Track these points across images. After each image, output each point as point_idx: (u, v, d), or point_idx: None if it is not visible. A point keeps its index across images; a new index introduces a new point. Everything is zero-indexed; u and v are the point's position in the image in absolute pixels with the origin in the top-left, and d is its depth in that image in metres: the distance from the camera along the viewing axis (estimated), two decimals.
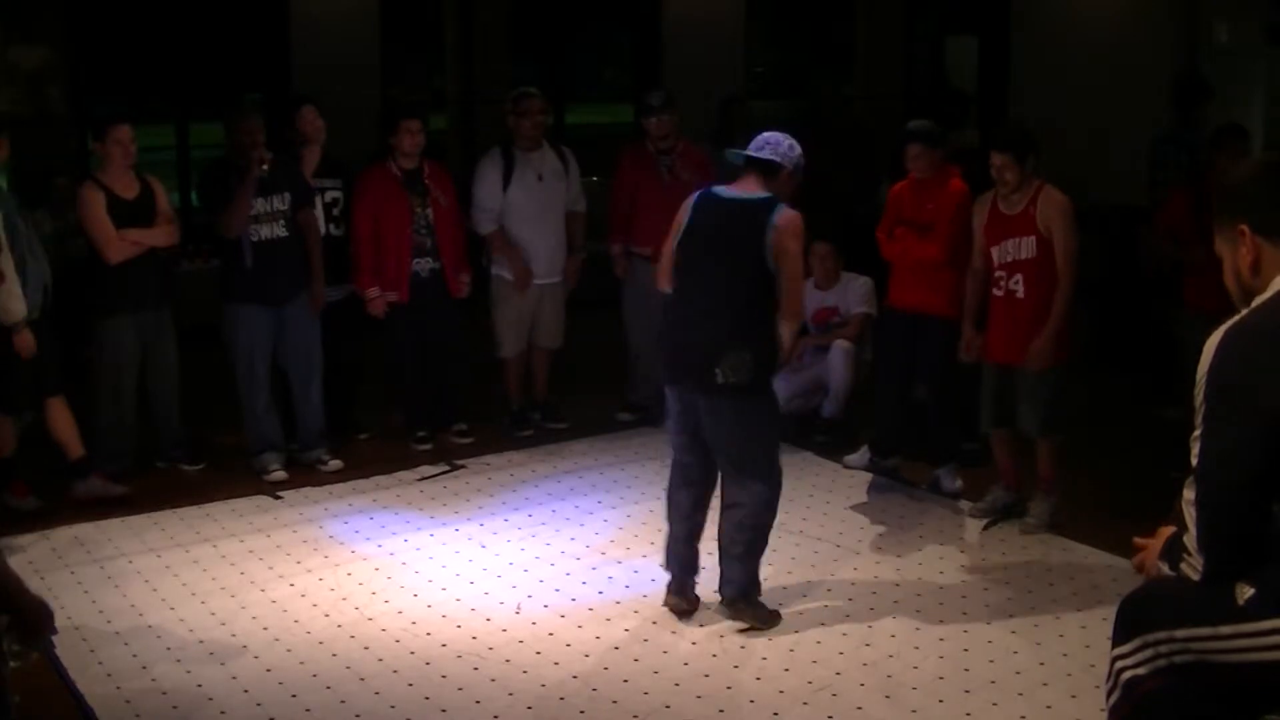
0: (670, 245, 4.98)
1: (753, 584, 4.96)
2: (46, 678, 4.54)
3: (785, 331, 4.84)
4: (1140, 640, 2.75)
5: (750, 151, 4.84)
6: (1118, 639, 2.82)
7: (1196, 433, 2.63)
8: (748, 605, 4.92)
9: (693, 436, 4.92)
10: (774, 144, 4.85)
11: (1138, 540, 3.01)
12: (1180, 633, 2.68)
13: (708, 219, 4.85)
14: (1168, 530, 2.85)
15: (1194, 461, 2.64)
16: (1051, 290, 5.53)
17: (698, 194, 4.98)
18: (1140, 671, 2.74)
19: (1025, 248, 5.56)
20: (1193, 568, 2.67)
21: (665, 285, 5.01)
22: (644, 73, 11.91)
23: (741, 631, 4.84)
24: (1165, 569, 2.80)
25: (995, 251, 5.67)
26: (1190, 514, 2.65)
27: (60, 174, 8.09)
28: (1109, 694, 2.83)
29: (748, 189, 4.83)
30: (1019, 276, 5.60)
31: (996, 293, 5.70)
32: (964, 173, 6.24)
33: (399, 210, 6.85)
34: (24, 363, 5.85)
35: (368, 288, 6.88)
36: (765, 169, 4.82)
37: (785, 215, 4.72)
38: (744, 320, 4.74)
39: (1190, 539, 2.66)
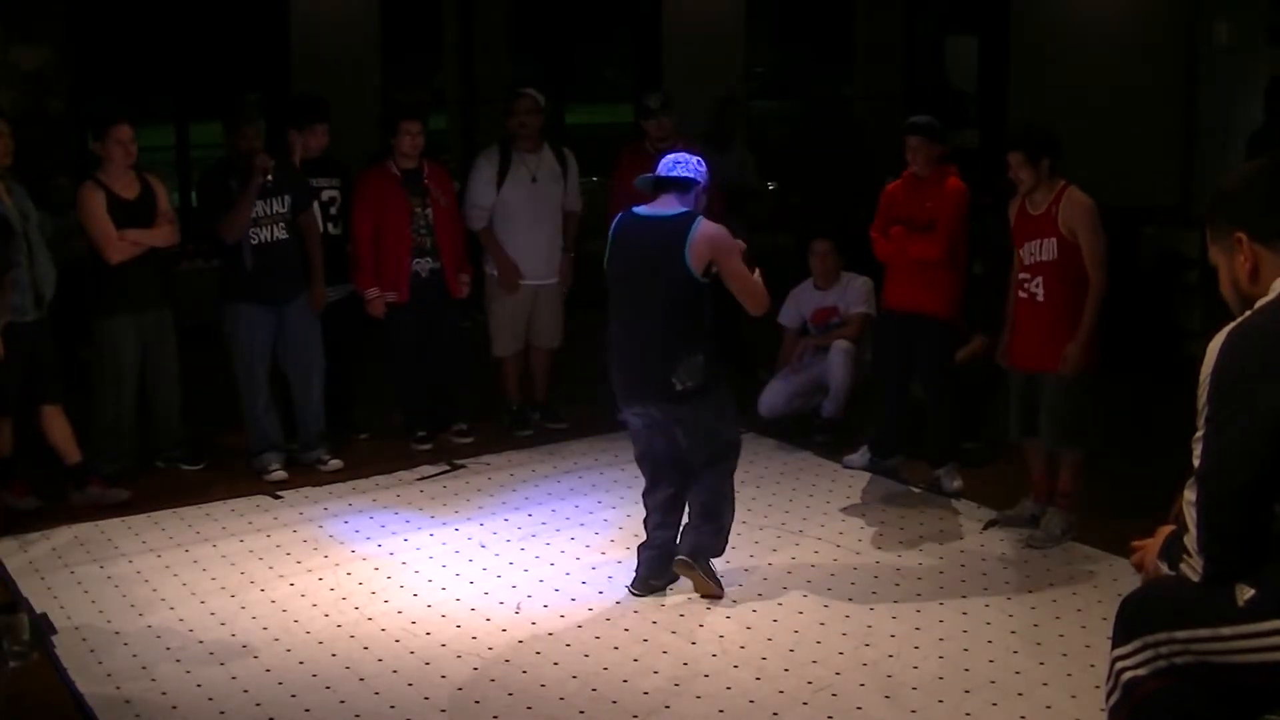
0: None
1: (712, 549, 5.15)
2: (46, 678, 4.54)
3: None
4: (1141, 641, 2.74)
5: (662, 172, 5.02)
6: (1118, 639, 2.82)
7: (1198, 434, 2.63)
8: (702, 565, 5.08)
9: (659, 451, 5.12)
10: (684, 163, 5.03)
11: (1135, 542, 3.01)
12: (1181, 634, 2.68)
13: (631, 240, 5.05)
14: (1166, 530, 2.85)
15: (1195, 462, 2.64)
16: (1072, 294, 5.42)
17: (619, 217, 5.15)
18: (1141, 672, 2.74)
19: (1047, 249, 5.45)
20: (1192, 568, 2.66)
21: None
22: (644, 73, 11.92)
23: (742, 631, 4.85)
24: (1164, 568, 2.80)
25: (1022, 252, 5.57)
26: (1191, 515, 2.64)
27: (60, 174, 8.08)
28: (1109, 694, 2.83)
29: (666, 206, 5.00)
30: (1040, 279, 5.48)
31: (1021, 295, 5.57)
32: (960, 172, 6.23)
33: (399, 210, 6.85)
34: (16, 364, 5.82)
35: (367, 288, 6.88)
36: (681, 186, 4.99)
37: (702, 229, 4.90)
38: (686, 329, 4.92)
39: (1190, 540, 2.66)
